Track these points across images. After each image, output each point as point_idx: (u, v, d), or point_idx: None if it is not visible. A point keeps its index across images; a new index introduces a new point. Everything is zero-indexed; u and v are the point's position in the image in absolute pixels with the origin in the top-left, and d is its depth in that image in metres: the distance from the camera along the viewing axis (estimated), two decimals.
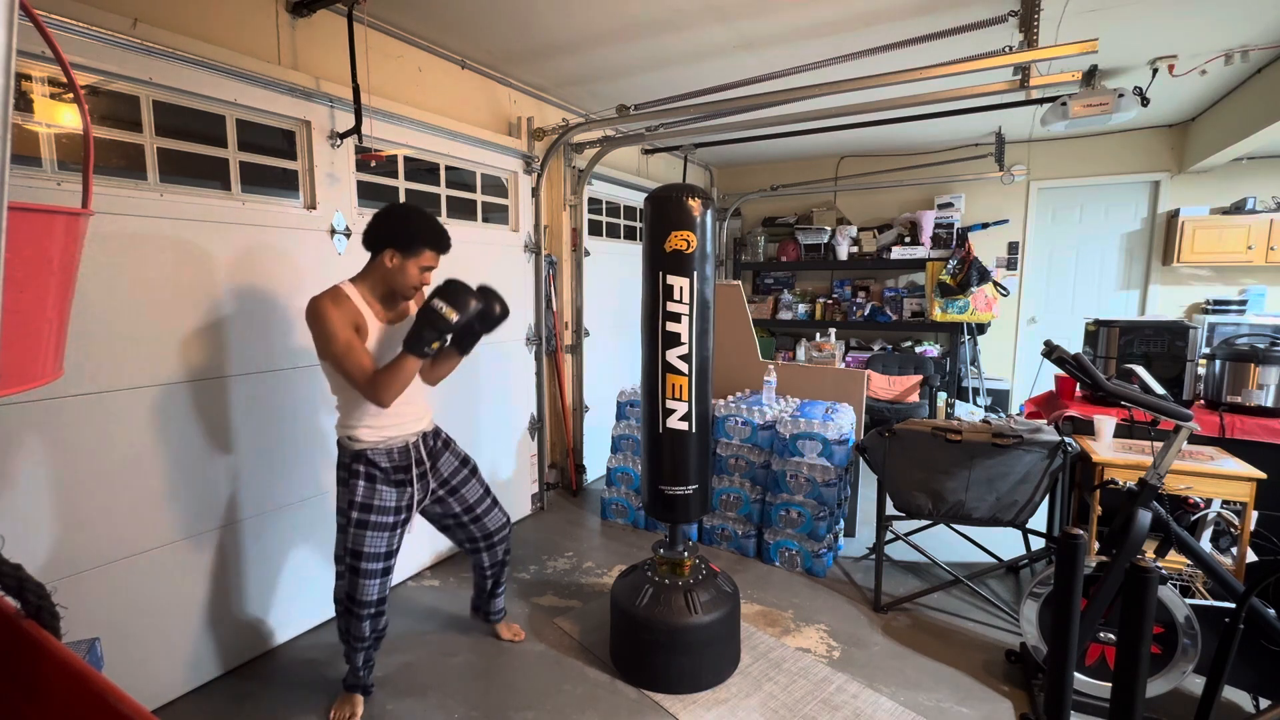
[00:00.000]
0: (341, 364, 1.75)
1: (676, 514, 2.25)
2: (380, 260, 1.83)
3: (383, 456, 1.89)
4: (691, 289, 2.12)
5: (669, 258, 2.11)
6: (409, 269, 1.83)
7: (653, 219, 2.15)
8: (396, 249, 1.81)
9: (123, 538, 1.94)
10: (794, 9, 2.58)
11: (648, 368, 2.23)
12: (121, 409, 1.91)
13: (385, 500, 1.89)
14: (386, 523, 1.90)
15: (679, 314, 2.13)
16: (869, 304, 5.34)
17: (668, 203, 2.12)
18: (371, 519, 1.88)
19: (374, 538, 1.88)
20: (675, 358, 2.16)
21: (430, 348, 1.73)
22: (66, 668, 0.64)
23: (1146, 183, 4.61)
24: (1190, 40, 2.91)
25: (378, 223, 1.84)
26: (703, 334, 2.17)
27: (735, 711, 2.07)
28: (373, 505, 1.88)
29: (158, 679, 2.06)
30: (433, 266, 1.89)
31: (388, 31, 2.74)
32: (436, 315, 1.70)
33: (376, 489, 1.88)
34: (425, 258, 1.85)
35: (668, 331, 2.15)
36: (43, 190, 1.72)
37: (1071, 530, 1.60)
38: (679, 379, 2.17)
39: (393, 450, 1.91)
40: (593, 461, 4.22)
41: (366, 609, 1.91)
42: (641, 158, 4.89)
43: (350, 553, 1.88)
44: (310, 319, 1.76)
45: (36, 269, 0.71)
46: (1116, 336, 2.82)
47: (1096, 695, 1.99)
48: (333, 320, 1.73)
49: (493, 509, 2.20)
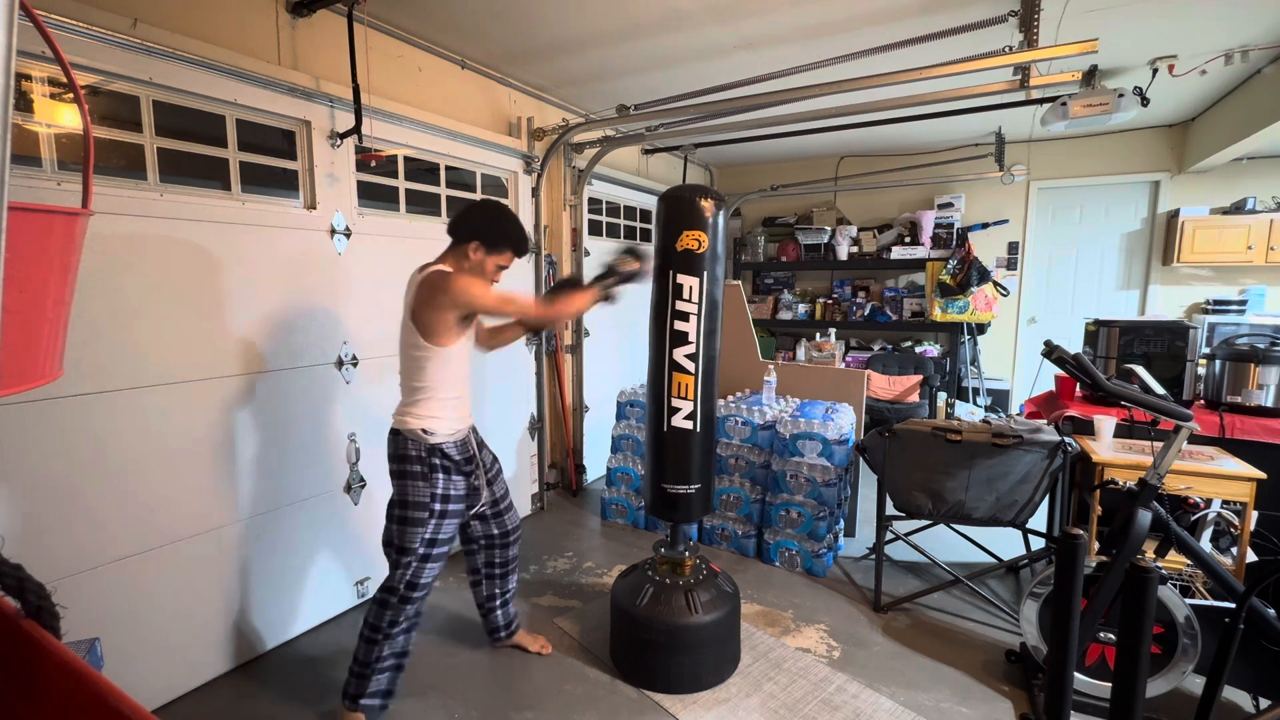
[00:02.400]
0: (507, 306, 1.89)
1: (679, 513, 2.25)
2: (464, 250, 1.91)
3: (454, 449, 1.95)
4: (701, 288, 2.13)
5: (680, 257, 2.12)
6: (488, 265, 1.93)
7: (665, 218, 2.15)
8: (483, 243, 1.90)
9: (123, 538, 1.94)
10: (794, 9, 2.58)
11: (654, 366, 2.23)
12: (121, 409, 1.91)
13: (459, 490, 1.96)
14: (460, 510, 1.98)
15: (688, 313, 2.14)
16: (869, 304, 5.34)
17: (680, 202, 2.13)
18: (450, 509, 1.94)
19: (449, 525, 1.95)
20: (682, 356, 2.16)
21: (611, 283, 2.02)
22: (66, 668, 0.64)
23: (1146, 183, 4.61)
24: (1190, 40, 2.91)
25: (471, 214, 1.94)
26: (710, 334, 2.18)
27: (735, 711, 2.07)
28: (451, 495, 1.94)
29: (158, 679, 2.06)
30: (507, 267, 1.98)
31: (388, 31, 2.74)
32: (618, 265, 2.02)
33: (453, 479, 1.95)
34: (505, 257, 1.95)
35: (676, 330, 2.16)
36: (43, 190, 1.72)
37: (1071, 530, 1.60)
38: (685, 378, 2.17)
39: (459, 443, 1.97)
40: (593, 461, 4.22)
41: (420, 592, 1.95)
42: (641, 158, 4.89)
43: (427, 542, 1.91)
44: (448, 290, 1.80)
45: (36, 269, 0.71)
46: (1116, 336, 2.82)
47: (1096, 695, 1.99)
48: (472, 282, 1.83)
49: (513, 508, 2.25)
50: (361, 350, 2.62)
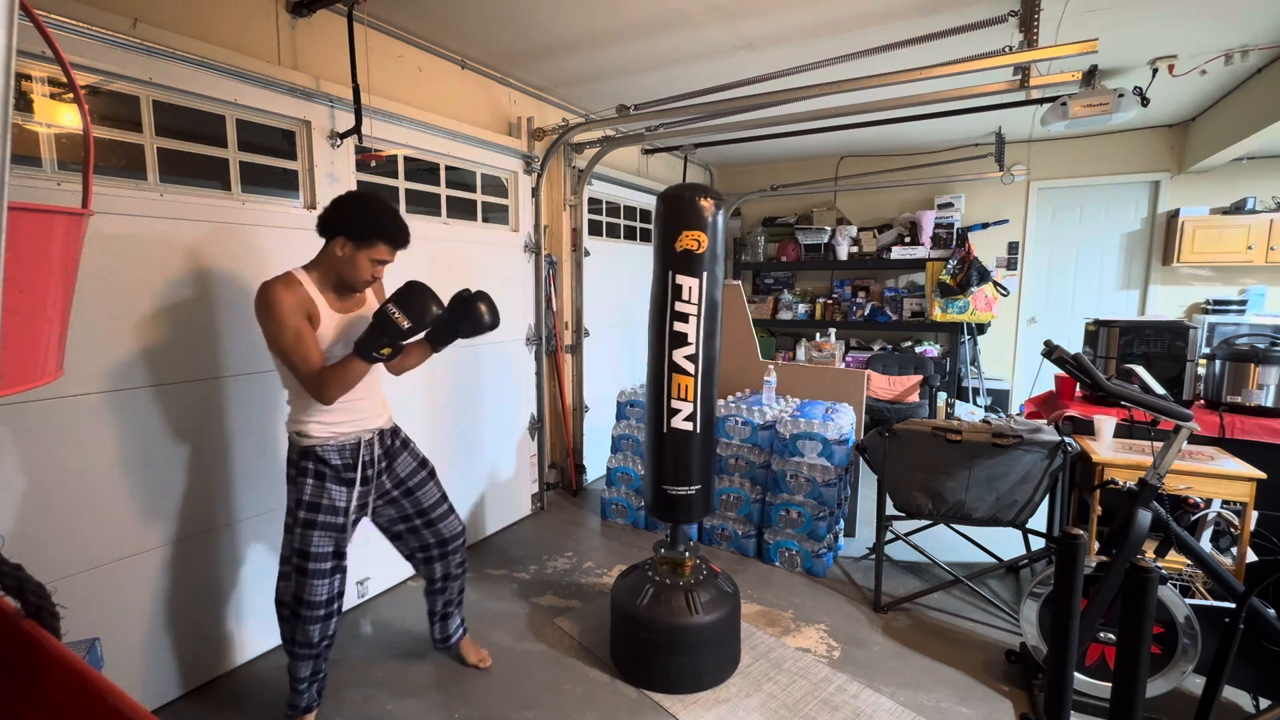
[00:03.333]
0: (289, 355, 1.68)
1: (679, 514, 2.25)
2: (331, 248, 1.75)
3: (333, 453, 1.80)
4: (700, 289, 2.11)
5: (679, 257, 2.09)
6: (359, 260, 1.74)
7: (664, 218, 2.13)
8: (348, 238, 1.73)
9: (123, 538, 1.94)
10: (794, 9, 2.58)
11: (654, 367, 2.22)
12: (121, 409, 1.91)
13: (335, 499, 1.81)
14: (335, 523, 1.81)
15: (687, 314, 2.12)
16: (869, 304, 5.34)
17: (680, 202, 2.11)
18: (319, 518, 1.79)
19: (321, 537, 1.79)
20: (682, 358, 2.15)
21: (380, 353, 1.67)
22: (66, 668, 0.64)
23: (1146, 183, 4.61)
24: (1190, 40, 2.91)
25: (332, 208, 1.75)
26: (710, 335, 2.16)
27: (735, 711, 2.07)
28: (320, 504, 1.79)
29: (158, 679, 2.06)
30: (386, 260, 1.79)
31: (388, 31, 2.74)
32: (389, 322, 1.64)
33: (325, 487, 1.80)
34: (378, 250, 1.75)
35: (675, 331, 2.14)
36: (43, 190, 1.72)
37: (1071, 530, 1.60)
38: (685, 379, 2.16)
39: (344, 447, 1.82)
40: (593, 461, 4.22)
41: (315, 610, 1.81)
42: (641, 158, 4.89)
43: (297, 553, 1.79)
44: (259, 305, 1.67)
45: (36, 269, 0.71)
46: (1116, 336, 2.82)
47: (1096, 695, 2.00)
48: (283, 306, 1.66)
49: (449, 515, 2.09)
50: None
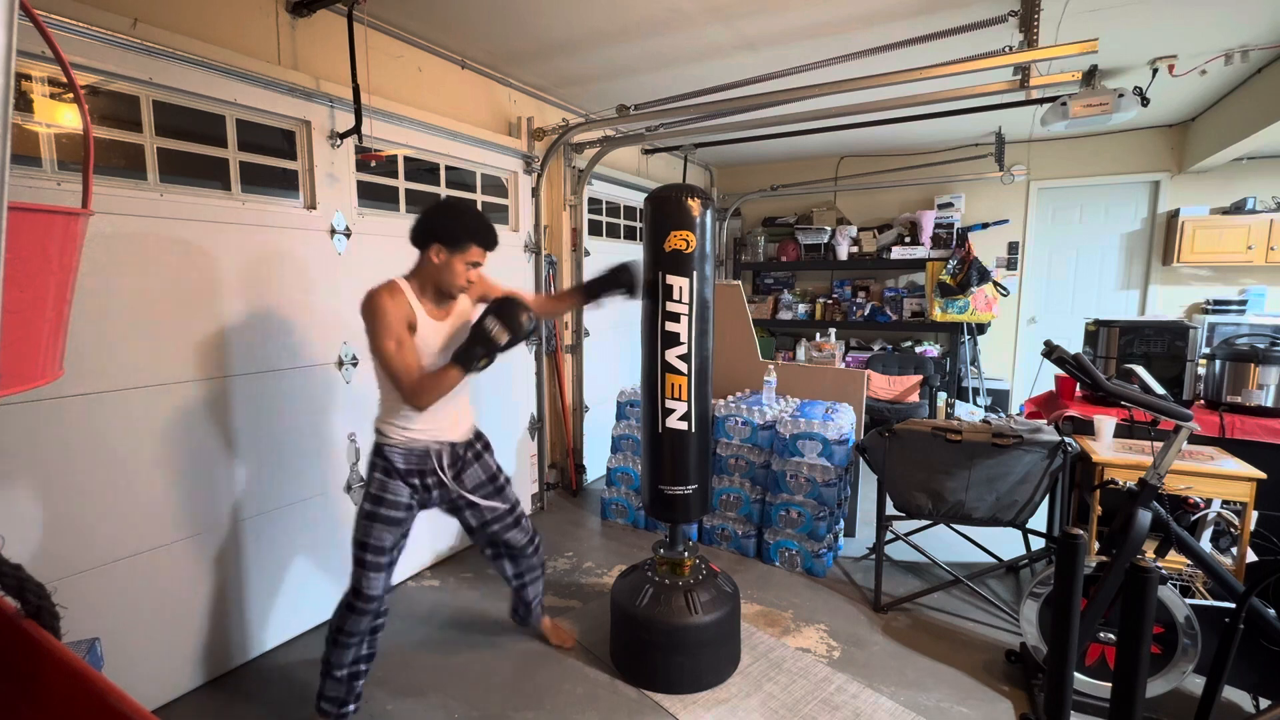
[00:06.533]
0: (390, 362, 1.76)
1: (676, 514, 2.25)
2: (427, 256, 1.84)
3: (399, 456, 1.90)
4: (691, 289, 2.12)
5: (669, 257, 2.10)
6: (455, 265, 1.84)
7: (653, 219, 2.14)
8: (443, 244, 1.82)
9: (123, 538, 1.94)
10: (794, 9, 2.58)
11: (647, 367, 2.22)
12: (121, 409, 1.91)
13: (397, 495, 1.90)
14: (394, 517, 1.90)
15: (678, 314, 2.13)
16: (869, 304, 5.34)
17: (667, 203, 2.12)
18: (381, 511, 1.89)
19: (379, 530, 1.89)
20: (674, 357, 2.15)
21: (479, 364, 1.78)
22: (66, 668, 0.64)
23: (1146, 183, 4.61)
24: (1190, 40, 2.91)
25: (425, 218, 1.86)
26: (702, 334, 2.17)
27: (735, 711, 2.07)
28: (383, 499, 1.89)
29: (158, 679, 2.06)
30: (479, 263, 1.89)
31: (388, 31, 2.74)
32: (487, 335, 1.74)
33: (390, 483, 1.90)
34: (471, 253, 1.85)
35: (667, 331, 2.14)
36: (43, 190, 1.72)
37: (1071, 530, 1.60)
38: (678, 379, 2.16)
39: (411, 453, 1.92)
40: (593, 461, 4.22)
41: (370, 604, 1.89)
42: (641, 158, 4.89)
43: (357, 543, 1.90)
44: (365, 312, 1.77)
45: (36, 269, 0.71)
46: (1116, 336, 2.82)
47: (1096, 695, 2.00)
48: (388, 314, 1.75)
49: (513, 527, 2.17)
50: (362, 350, 2.61)
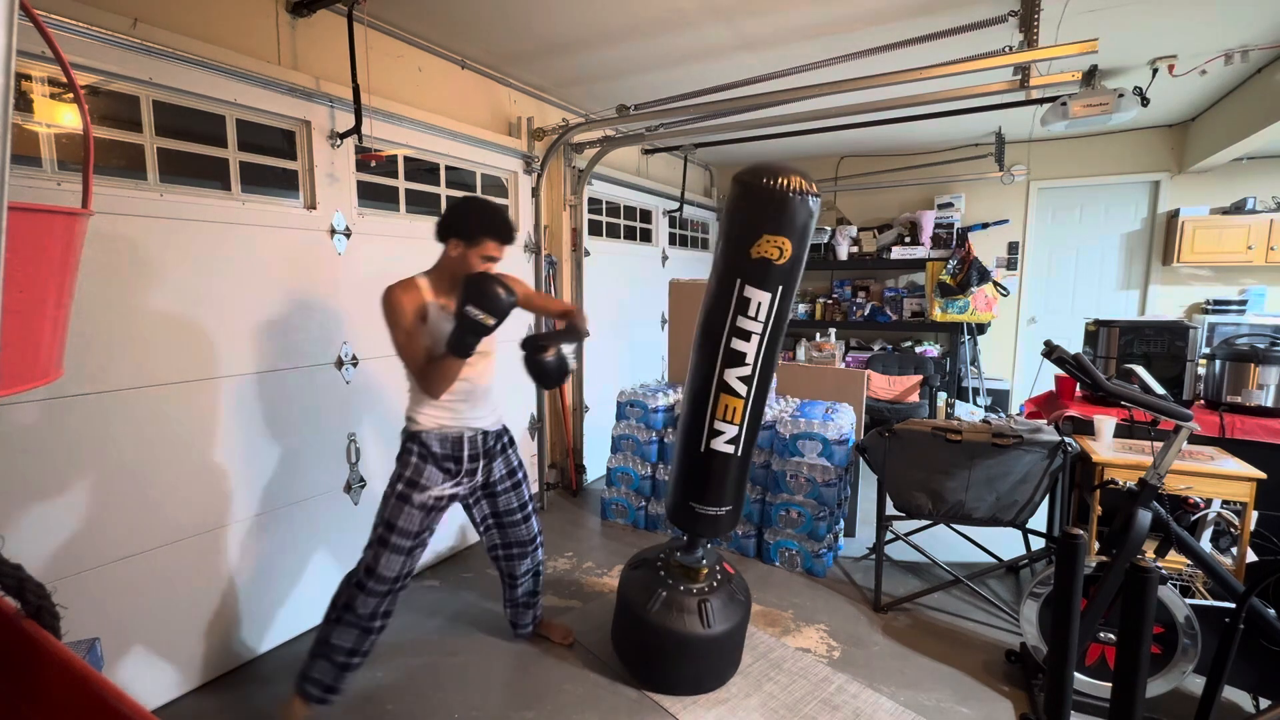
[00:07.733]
0: (401, 353, 1.85)
1: (702, 529, 2.15)
2: (446, 250, 1.89)
3: (435, 442, 1.94)
4: (772, 306, 1.76)
5: (753, 266, 1.73)
6: (471, 259, 1.87)
7: (741, 212, 1.74)
8: (459, 239, 1.86)
9: (123, 538, 1.94)
10: (794, 9, 2.58)
11: (698, 382, 1.99)
12: (121, 409, 1.91)
13: (431, 480, 1.93)
14: (426, 502, 1.92)
15: (750, 332, 1.83)
16: (869, 304, 5.34)
17: (766, 194, 1.66)
18: (414, 495, 1.91)
19: (410, 513, 1.90)
20: (735, 378, 1.90)
21: (473, 350, 1.82)
22: (66, 668, 0.64)
23: (1146, 183, 4.61)
24: (1190, 40, 2.91)
25: (445, 214, 1.92)
26: (770, 356, 1.88)
27: (735, 711, 2.07)
28: (418, 483, 1.91)
29: (158, 679, 2.05)
30: (495, 257, 1.91)
31: (388, 31, 2.74)
32: (473, 322, 1.76)
33: (426, 468, 1.93)
34: (487, 247, 1.88)
35: (732, 349, 1.87)
36: (43, 190, 1.72)
37: (1071, 530, 1.60)
38: (734, 401, 1.91)
39: (446, 438, 1.96)
40: (593, 461, 4.22)
41: (382, 584, 1.89)
42: (641, 158, 4.89)
43: (384, 524, 1.90)
44: (384, 307, 1.84)
45: (36, 269, 0.71)
46: (1116, 336, 2.82)
47: (1096, 695, 1.99)
48: (401, 308, 1.82)
49: (520, 525, 2.20)
50: (361, 350, 2.62)
